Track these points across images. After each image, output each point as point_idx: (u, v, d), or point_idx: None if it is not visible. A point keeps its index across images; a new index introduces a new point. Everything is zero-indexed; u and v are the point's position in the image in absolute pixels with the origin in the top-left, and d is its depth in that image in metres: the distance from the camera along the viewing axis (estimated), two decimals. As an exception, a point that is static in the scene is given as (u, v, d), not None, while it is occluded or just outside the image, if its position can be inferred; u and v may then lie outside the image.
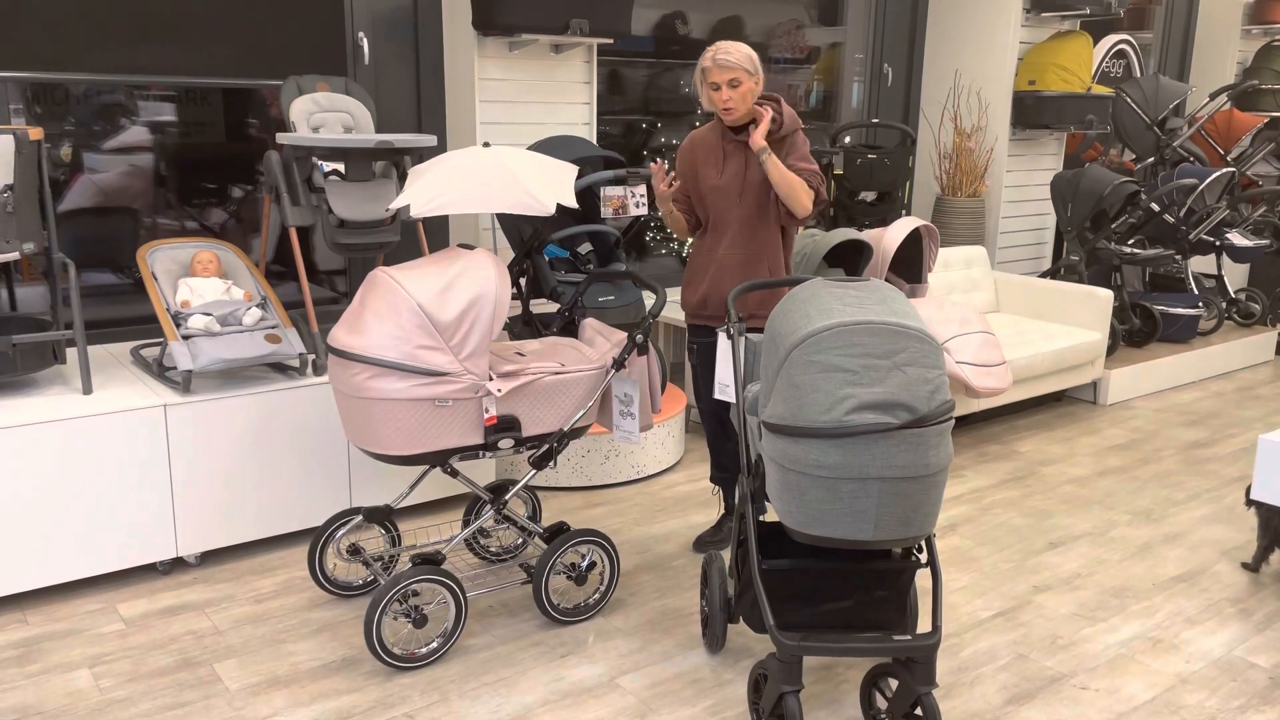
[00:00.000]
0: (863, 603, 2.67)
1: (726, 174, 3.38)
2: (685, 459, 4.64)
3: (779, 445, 2.37)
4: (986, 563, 3.66)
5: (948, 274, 5.74)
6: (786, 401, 2.35)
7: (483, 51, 4.44)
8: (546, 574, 3.08)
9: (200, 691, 2.76)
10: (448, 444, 2.85)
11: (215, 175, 4.38)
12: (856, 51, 6.46)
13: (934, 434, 2.31)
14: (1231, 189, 6.48)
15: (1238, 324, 6.89)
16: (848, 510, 2.32)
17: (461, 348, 2.78)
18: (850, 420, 2.26)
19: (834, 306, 2.38)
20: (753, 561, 2.57)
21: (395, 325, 2.72)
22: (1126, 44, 7.19)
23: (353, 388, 2.75)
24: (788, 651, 2.43)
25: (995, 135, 6.24)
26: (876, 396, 2.27)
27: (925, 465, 2.31)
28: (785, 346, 2.37)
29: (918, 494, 2.33)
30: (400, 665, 2.86)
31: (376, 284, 2.81)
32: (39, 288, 4.03)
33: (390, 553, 3.30)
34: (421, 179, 3.03)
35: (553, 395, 2.99)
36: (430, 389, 2.75)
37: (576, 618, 3.17)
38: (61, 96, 3.98)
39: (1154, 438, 5.12)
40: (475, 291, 2.79)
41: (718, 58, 3.23)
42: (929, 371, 2.32)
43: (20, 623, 3.11)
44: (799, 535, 2.41)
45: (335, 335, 2.81)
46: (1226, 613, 3.33)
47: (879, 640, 2.45)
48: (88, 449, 3.17)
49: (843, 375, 2.29)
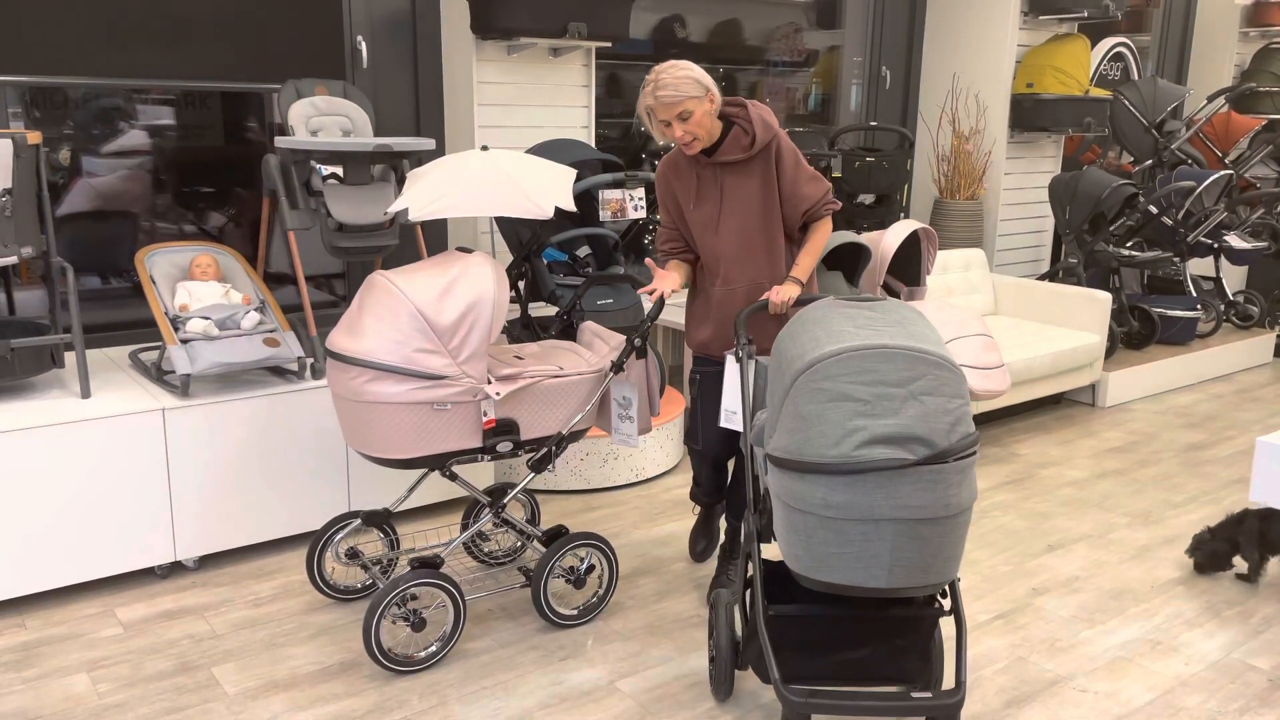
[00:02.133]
0: (880, 653, 2.43)
1: (703, 207, 3.06)
2: (684, 462, 4.64)
3: (784, 481, 2.17)
4: (985, 565, 3.66)
5: (946, 276, 5.74)
6: (792, 433, 2.15)
7: (481, 55, 4.44)
8: (545, 577, 3.08)
9: (198, 695, 2.76)
10: (446, 447, 2.84)
11: (214, 179, 4.38)
12: (855, 54, 6.46)
13: (954, 471, 2.10)
14: (1230, 191, 6.49)
15: (1236, 326, 6.90)
16: (858, 555, 2.11)
17: (460, 351, 2.78)
18: (860, 455, 2.06)
19: (845, 329, 2.18)
20: (759, 607, 2.37)
21: (393, 329, 2.71)
22: (1124, 47, 7.20)
23: (352, 391, 2.75)
24: (794, 709, 2.24)
25: (993, 138, 6.24)
26: (890, 429, 2.07)
27: (945, 506, 2.10)
28: (791, 372, 2.17)
29: (937, 537, 2.11)
30: (398, 669, 2.86)
31: (374, 287, 2.81)
32: (37, 292, 4.03)
33: (388, 556, 3.30)
34: (420, 182, 3.03)
35: (551, 398, 2.99)
36: (428, 393, 2.75)
37: (575, 621, 3.16)
38: (60, 100, 3.98)
39: (1152, 440, 5.13)
40: (474, 295, 2.79)
41: (659, 94, 2.84)
42: (950, 401, 2.11)
43: (18, 627, 3.10)
44: (806, 581, 2.22)
45: (334, 339, 2.81)
46: (1225, 615, 3.33)
47: (897, 698, 2.24)
48: (86, 453, 3.17)
49: (853, 405, 2.09)
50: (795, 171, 3.02)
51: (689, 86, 2.85)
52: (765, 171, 3.02)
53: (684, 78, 2.85)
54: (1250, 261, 6.73)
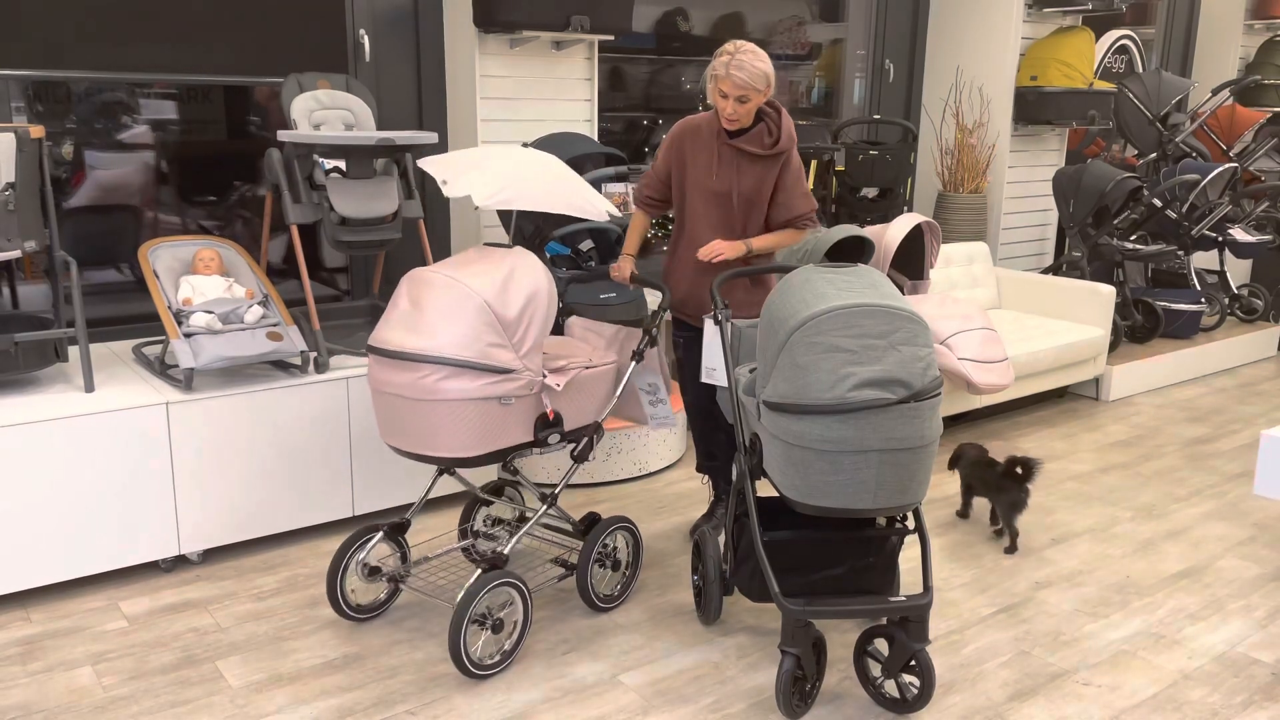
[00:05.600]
0: (854, 569, 2.85)
1: (721, 179, 3.28)
2: (686, 456, 4.64)
3: (782, 422, 2.49)
4: (988, 559, 3.66)
5: (949, 270, 5.73)
6: (789, 381, 2.46)
7: (484, 48, 4.43)
8: (590, 565, 3.13)
9: (202, 689, 2.77)
10: (508, 442, 2.82)
11: (217, 173, 4.38)
12: (858, 48, 6.45)
13: (927, 408, 2.46)
14: (1234, 184, 6.47)
15: (1240, 320, 6.88)
16: (849, 481, 2.45)
17: (522, 344, 2.75)
18: (853, 397, 2.39)
19: (828, 291, 2.51)
20: (755, 534, 2.69)
21: (464, 324, 2.65)
22: (1129, 39, 7.18)
23: (422, 390, 2.66)
24: (793, 616, 2.56)
25: (997, 131, 6.23)
26: (875, 374, 2.40)
27: (921, 437, 2.46)
28: (785, 330, 2.47)
29: (913, 464, 2.48)
30: (483, 674, 2.83)
31: (430, 283, 2.73)
32: (41, 286, 4.03)
33: (402, 571, 3.15)
34: (475, 171, 2.98)
35: (587, 388, 3.03)
36: (498, 387, 2.71)
37: (616, 602, 3.25)
38: (63, 94, 3.98)
39: (1156, 434, 5.12)
40: (531, 288, 2.77)
41: (733, 72, 3.08)
42: (920, 350, 2.47)
43: (23, 620, 3.11)
44: (801, 506, 2.54)
45: (390, 337, 2.71)
46: (1229, 609, 3.33)
47: (877, 601, 2.65)
48: (90, 447, 3.17)
49: (843, 355, 2.41)
50: (794, 184, 3.34)
51: (760, 80, 3.10)
52: (768, 171, 3.29)
53: (760, 71, 3.09)
54: (1254, 255, 6.71)
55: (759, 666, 2.92)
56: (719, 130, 3.27)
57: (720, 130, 3.27)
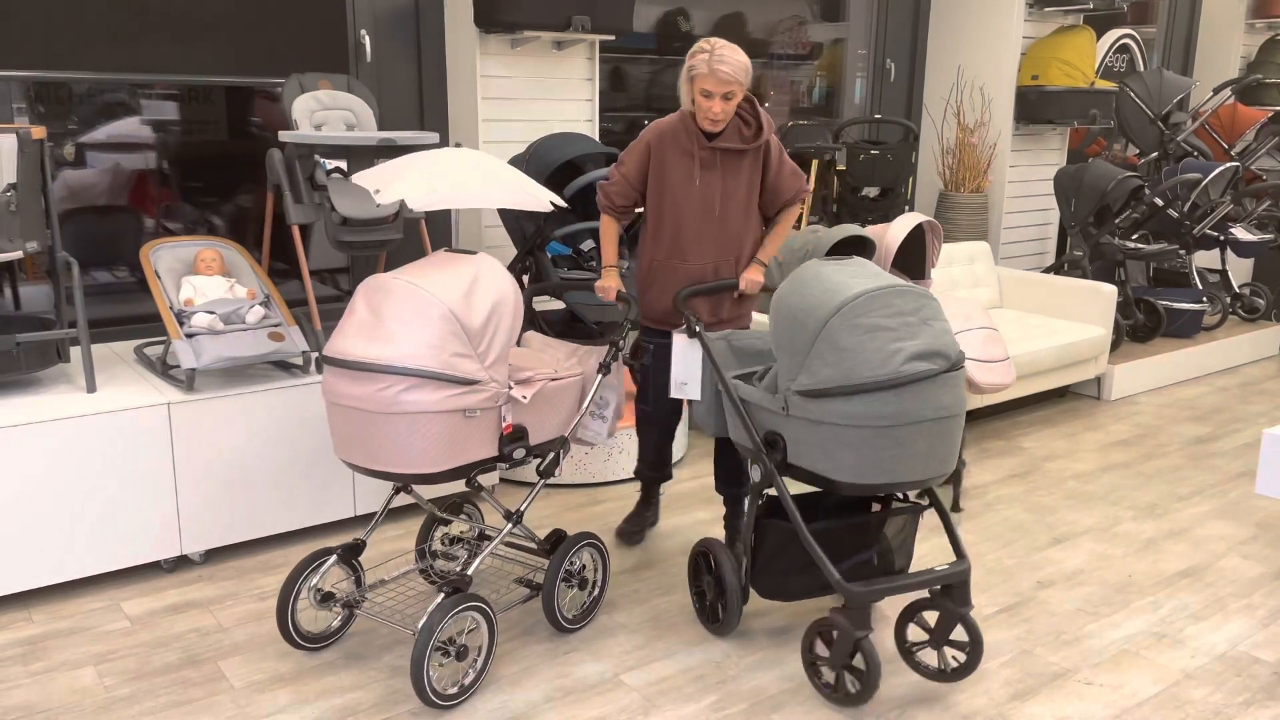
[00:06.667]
0: (878, 551, 2.96)
1: (704, 186, 3.17)
2: (687, 456, 4.64)
3: (831, 406, 2.56)
4: (990, 558, 3.66)
5: (951, 269, 5.73)
6: (834, 365, 2.55)
7: (485, 48, 4.43)
8: (557, 585, 2.99)
9: (204, 689, 2.77)
10: (473, 457, 2.66)
11: (218, 173, 4.39)
12: (859, 47, 6.45)
13: (961, 377, 2.62)
14: (1236, 184, 6.46)
15: (1242, 319, 6.88)
16: (905, 454, 2.55)
17: (487, 354, 2.61)
18: (906, 370, 2.50)
19: (847, 279, 2.61)
20: (800, 527, 2.71)
21: (428, 332, 2.51)
22: (1130, 38, 7.17)
23: (380, 403, 2.51)
24: (857, 599, 2.61)
25: (998, 130, 6.23)
26: (919, 347, 2.53)
27: (958, 403, 2.60)
28: (817, 319, 2.57)
29: (955, 431, 2.62)
30: (447, 704, 2.67)
31: (390, 290, 2.59)
32: (43, 287, 4.04)
33: (357, 595, 2.98)
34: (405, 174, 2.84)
35: (552, 401, 2.90)
36: (462, 399, 2.56)
37: (580, 624, 3.11)
38: (64, 95, 3.98)
39: (1158, 433, 5.12)
40: (497, 295, 2.64)
41: (715, 67, 2.97)
42: (944, 324, 2.63)
43: (25, 621, 3.11)
44: (851, 488, 2.61)
45: (346, 347, 2.57)
46: (1231, 608, 3.32)
47: (925, 574, 2.70)
48: (92, 448, 3.17)
49: (888, 333, 2.53)
50: (781, 165, 3.26)
51: (743, 73, 3.03)
52: (754, 164, 3.23)
53: (742, 63, 3.03)
54: (1256, 254, 6.71)
55: (761, 666, 2.92)
56: (696, 134, 3.14)
57: (698, 135, 3.14)
